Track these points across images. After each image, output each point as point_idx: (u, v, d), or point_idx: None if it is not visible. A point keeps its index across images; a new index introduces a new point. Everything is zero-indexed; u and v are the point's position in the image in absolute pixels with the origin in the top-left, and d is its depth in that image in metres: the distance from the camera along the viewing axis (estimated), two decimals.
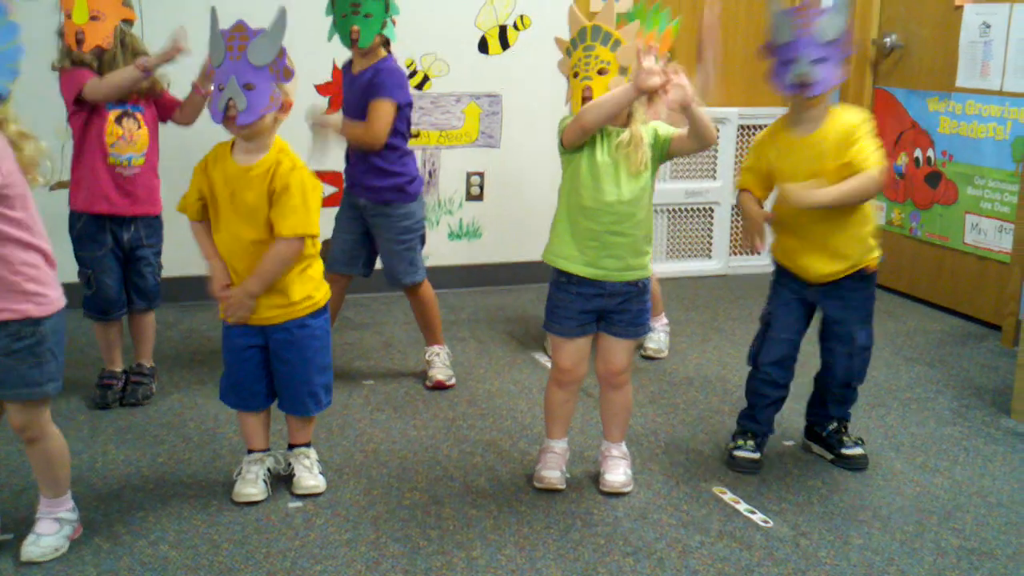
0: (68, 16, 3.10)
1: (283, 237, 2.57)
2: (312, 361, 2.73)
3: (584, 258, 2.68)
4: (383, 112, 3.32)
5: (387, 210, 3.48)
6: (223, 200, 2.61)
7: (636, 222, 2.66)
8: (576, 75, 2.64)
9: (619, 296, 2.71)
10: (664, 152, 2.67)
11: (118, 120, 3.19)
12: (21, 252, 2.26)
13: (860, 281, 2.94)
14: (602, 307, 2.73)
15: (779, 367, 3.00)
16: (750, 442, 3.02)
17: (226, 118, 2.53)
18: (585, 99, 2.60)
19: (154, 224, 3.35)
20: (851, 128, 2.79)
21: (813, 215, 2.81)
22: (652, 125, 2.67)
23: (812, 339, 3.08)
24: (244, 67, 2.50)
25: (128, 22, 3.19)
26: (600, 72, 2.61)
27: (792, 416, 3.24)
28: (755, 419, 3.04)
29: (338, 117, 3.41)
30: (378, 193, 3.45)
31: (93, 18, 3.10)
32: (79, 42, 3.09)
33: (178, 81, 3.32)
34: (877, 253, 2.93)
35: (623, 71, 2.61)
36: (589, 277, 2.69)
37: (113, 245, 3.27)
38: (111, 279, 3.29)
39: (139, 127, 3.22)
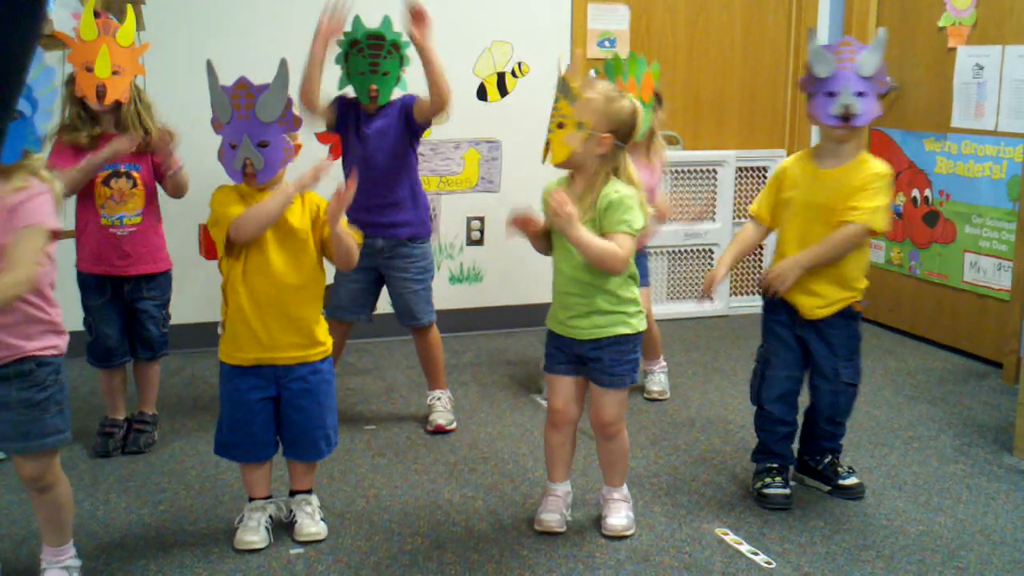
0: (88, 69, 3.09)
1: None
2: (325, 404, 2.75)
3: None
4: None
5: (406, 250, 3.51)
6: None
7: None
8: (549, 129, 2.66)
9: (589, 343, 2.72)
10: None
11: (105, 181, 3.20)
12: (48, 292, 2.34)
13: (844, 319, 2.98)
14: (574, 351, 2.74)
15: (782, 403, 3.03)
16: (778, 478, 3.03)
17: (245, 175, 2.56)
18: (546, 152, 2.65)
19: (157, 279, 3.35)
20: (876, 176, 2.90)
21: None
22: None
23: None
24: (255, 125, 2.53)
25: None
26: (559, 126, 2.61)
27: None
28: (772, 452, 3.06)
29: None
30: (400, 229, 3.48)
31: (115, 73, 3.12)
32: (100, 95, 3.10)
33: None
34: (859, 294, 2.99)
35: (580, 126, 2.59)
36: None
37: (112, 296, 3.29)
38: (110, 328, 3.30)
39: (133, 186, 3.22)
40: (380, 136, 3.44)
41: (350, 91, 3.46)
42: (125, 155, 3.18)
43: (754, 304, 5.27)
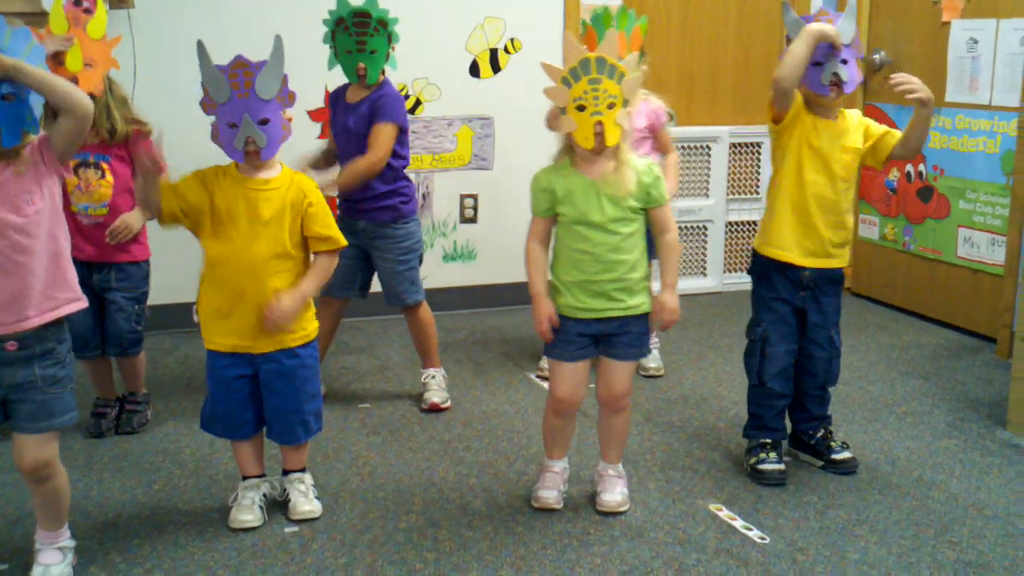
0: (60, 63, 3.02)
1: (339, 245, 2.68)
2: (302, 390, 2.72)
3: None
4: (386, 135, 3.36)
5: (387, 231, 3.50)
6: (238, 216, 2.59)
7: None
8: (582, 108, 2.57)
9: (618, 320, 2.72)
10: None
11: (75, 169, 3.13)
12: None
13: (835, 285, 3.07)
14: (600, 331, 2.73)
15: (782, 378, 3.05)
16: (772, 453, 3.04)
17: (247, 154, 2.54)
18: (597, 134, 2.57)
19: (128, 270, 3.27)
20: (860, 119, 3.06)
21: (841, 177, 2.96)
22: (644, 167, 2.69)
23: None
24: (255, 103, 2.51)
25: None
26: (610, 107, 2.57)
27: None
28: (767, 427, 3.07)
29: (330, 177, 3.40)
30: (378, 213, 3.47)
31: (87, 66, 3.05)
32: None
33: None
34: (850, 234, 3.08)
35: (626, 103, 2.60)
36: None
37: (81, 282, 3.22)
38: (77, 316, 3.26)
39: (102, 176, 3.16)
40: (356, 127, 3.42)
41: (340, 73, 3.44)
42: (93, 145, 3.13)
43: (748, 282, 5.27)
